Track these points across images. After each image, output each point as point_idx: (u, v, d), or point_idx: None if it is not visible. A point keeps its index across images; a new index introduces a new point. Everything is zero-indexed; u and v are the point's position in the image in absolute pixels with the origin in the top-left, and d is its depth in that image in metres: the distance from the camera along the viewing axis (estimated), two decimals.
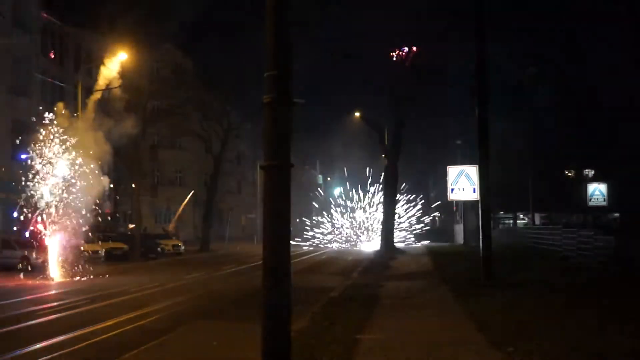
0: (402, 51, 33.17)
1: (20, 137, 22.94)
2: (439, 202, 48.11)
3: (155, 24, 30.43)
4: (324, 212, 47.46)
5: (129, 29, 27.75)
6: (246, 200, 62.04)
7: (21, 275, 22.18)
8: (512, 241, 34.63)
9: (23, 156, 22.01)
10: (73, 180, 22.17)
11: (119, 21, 27.84)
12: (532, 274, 18.02)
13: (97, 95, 27.07)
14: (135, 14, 28.18)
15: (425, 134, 44.77)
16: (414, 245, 42.40)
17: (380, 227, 39.20)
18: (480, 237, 16.46)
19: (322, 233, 46.16)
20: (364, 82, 34.99)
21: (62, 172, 21.92)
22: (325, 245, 44.92)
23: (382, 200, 40.61)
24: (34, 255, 23.61)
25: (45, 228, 21.85)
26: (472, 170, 20.91)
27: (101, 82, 27.75)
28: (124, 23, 27.72)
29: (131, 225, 36.39)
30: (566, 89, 45.06)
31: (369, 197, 45.79)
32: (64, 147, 21.94)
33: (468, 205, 36.45)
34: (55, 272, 21.75)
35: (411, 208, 44.96)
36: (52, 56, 34.74)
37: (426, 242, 43.93)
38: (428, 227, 48.12)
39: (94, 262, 23.15)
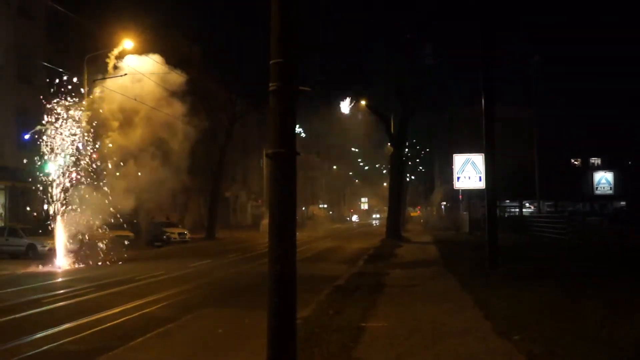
0: (410, 44, 32.76)
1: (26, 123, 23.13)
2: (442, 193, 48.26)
3: (161, 11, 30.30)
4: None
5: (135, 16, 27.64)
6: (252, 188, 62.10)
7: (27, 263, 22.33)
8: (518, 229, 34.54)
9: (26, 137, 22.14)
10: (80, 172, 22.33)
11: (124, 9, 27.73)
12: (538, 262, 17.97)
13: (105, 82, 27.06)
14: (141, 2, 28.08)
15: (431, 122, 44.56)
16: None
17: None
18: (486, 225, 16.41)
19: None
20: (370, 73, 34.65)
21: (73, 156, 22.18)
22: None
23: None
24: (40, 243, 23.82)
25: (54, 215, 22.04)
26: (478, 159, 20.89)
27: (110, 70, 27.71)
28: (130, 11, 27.61)
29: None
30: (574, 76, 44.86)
31: None
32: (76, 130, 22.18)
33: (474, 193, 36.38)
34: (62, 259, 21.89)
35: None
36: (58, 44, 34.65)
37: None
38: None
39: (100, 249, 23.26)
